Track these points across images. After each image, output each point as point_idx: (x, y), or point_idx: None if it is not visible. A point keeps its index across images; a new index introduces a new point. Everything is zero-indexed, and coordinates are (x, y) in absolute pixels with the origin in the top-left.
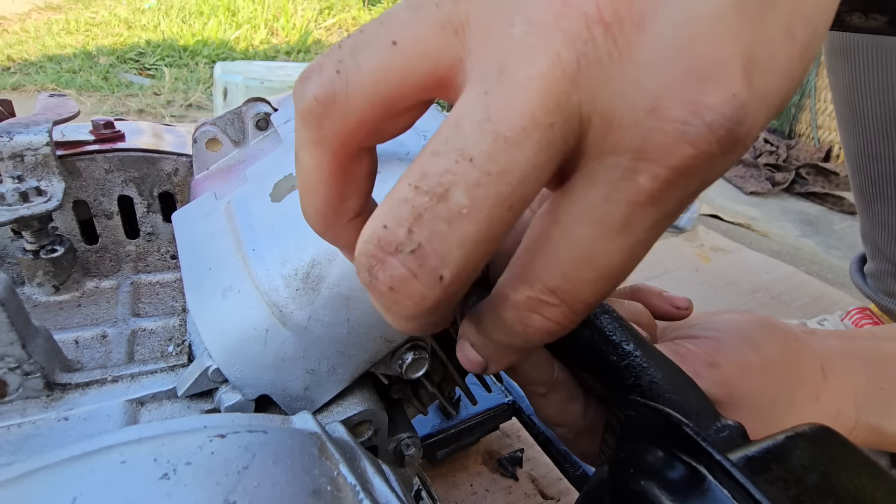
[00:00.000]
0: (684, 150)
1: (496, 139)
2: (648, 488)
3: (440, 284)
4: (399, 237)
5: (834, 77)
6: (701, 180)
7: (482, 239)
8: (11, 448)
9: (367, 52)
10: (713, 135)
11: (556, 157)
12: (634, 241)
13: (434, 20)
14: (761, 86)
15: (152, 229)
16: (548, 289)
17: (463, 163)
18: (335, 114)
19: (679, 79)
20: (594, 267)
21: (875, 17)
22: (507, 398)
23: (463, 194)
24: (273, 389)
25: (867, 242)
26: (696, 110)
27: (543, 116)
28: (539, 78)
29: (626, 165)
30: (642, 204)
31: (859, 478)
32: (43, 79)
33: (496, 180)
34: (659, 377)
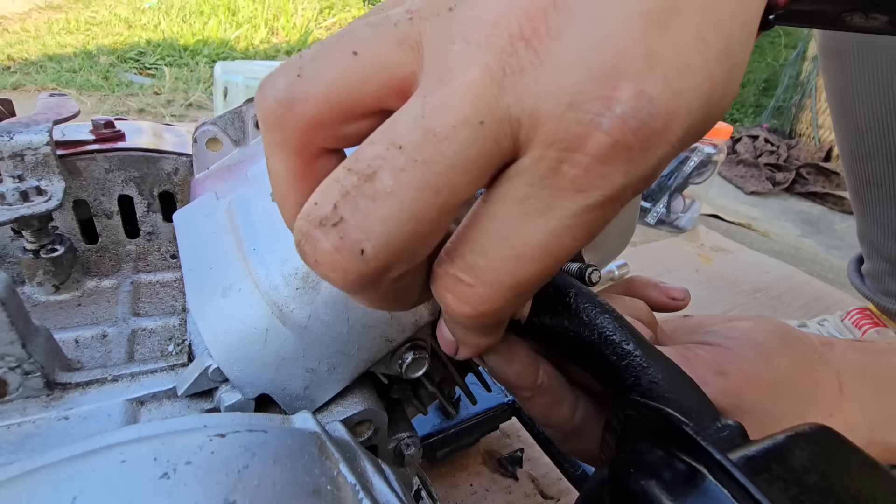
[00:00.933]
0: (600, 138)
1: (426, 133)
2: (648, 488)
3: (361, 258)
4: (325, 212)
5: (828, 78)
6: (624, 171)
7: (407, 218)
8: (11, 447)
9: (329, 61)
10: (625, 125)
11: (489, 154)
12: (558, 224)
13: (392, 37)
14: (675, 84)
15: (152, 229)
16: (466, 265)
17: (393, 150)
18: (295, 115)
19: (593, 76)
20: (512, 244)
21: (876, 17)
22: (506, 398)
23: (389, 176)
24: (273, 389)
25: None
26: (608, 103)
27: (472, 116)
28: (470, 84)
29: (552, 155)
30: (565, 189)
31: (860, 478)
32: (43, 78)
33: (421, 166)
34: (659, 377)
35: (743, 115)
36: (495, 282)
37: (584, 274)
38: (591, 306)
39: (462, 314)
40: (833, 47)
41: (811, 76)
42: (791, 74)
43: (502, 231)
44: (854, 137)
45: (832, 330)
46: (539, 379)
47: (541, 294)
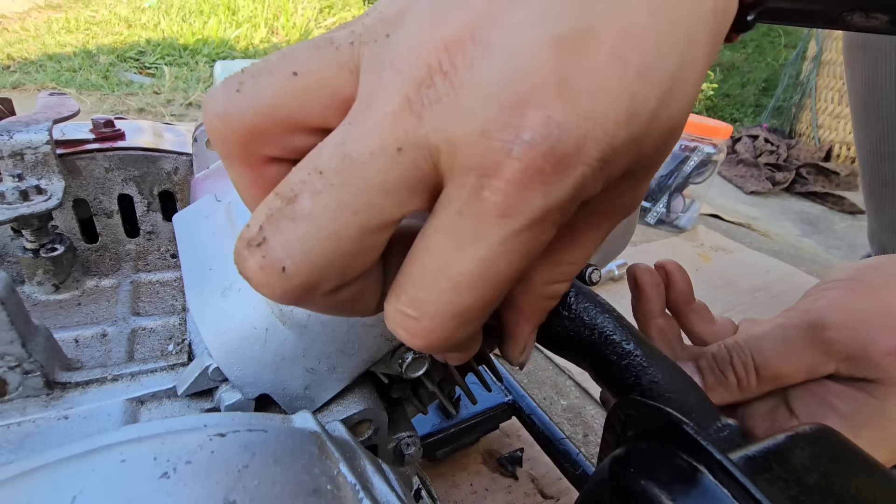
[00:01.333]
0: (512, 164)
1: (343, 158)
2: (648, 488)
3: (283, 275)
4: (252, 233)
5: (851, 72)
6: (543, 195)
7: (325, 237)
8: (11, 447)
9: (269, 77)
10: (533, 150)
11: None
12: (488, 252)
13: (334, 60)
14: (584, 107)
15: (152, 228)
16: (410, 299)
17: (314, 175)
18: (233, 128)
19: (502, 105)
20: (448, 276)
21: (876, 17)
22: (507, 398)
23: (308, 199)
24: (273, 388)
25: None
26: (517, 131)
27: (390, 143)
28: (391, 113)
29: (473, 182)
30: (490, 215)
31: (860, 477)
32: (43, 77)
33: (338, 188)
34: (659, 377)
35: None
36: (437, 313)
37: (584, 274)
38: (591, 306)
39: (416, 345)
40: (859, 41)
41: (811, 76)
42: (791, 74)
43: (437, 263)
44: (875, 135)
45: None
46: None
47: None
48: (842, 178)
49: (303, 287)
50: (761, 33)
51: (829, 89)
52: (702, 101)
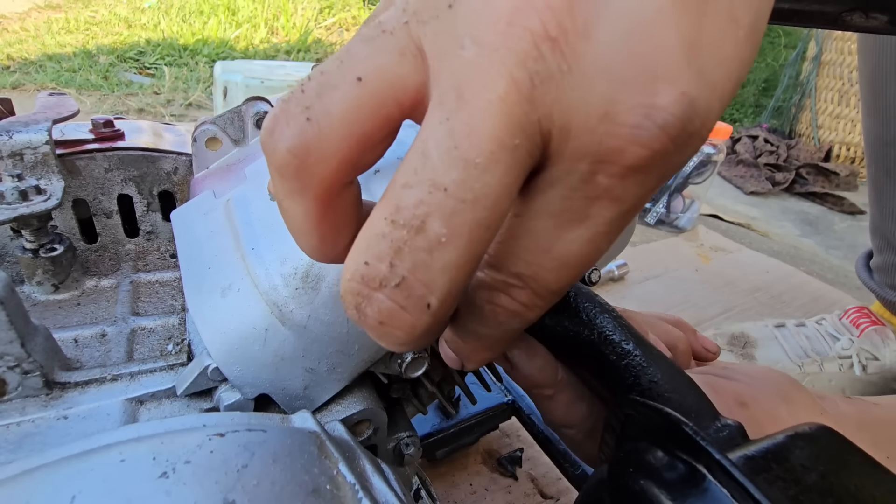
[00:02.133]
0: (638, 151)
1: (466, 167)
2: (648, 487)
3: (429, 312)
4: (382, 272)
5: (863, 59)
6: (659, 175)
7: (465, 262)
8: (11, 446)
9: (335, 94)
10: (665, 135)
11: (524, 173)
12: (594, 233)
13: (393, 48)
14: (711, 76)
15: (152, 228)
16: (514, 275)
17: (437, 193)
18: (313, 163)
19: (628, 82)
20: (553, 256)
21: (876, 17)
22: (506, 398)
23: (440, 224)
24: (272, 388)
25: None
26: (648, 112)
27: (508, 139)
28: (498, 102)
29: (585, 169)
30: (600, 198)
31: (859, 477)
32: (43, 77)
33: (472, 206)
34: (658, 377)
35: (742, 115)
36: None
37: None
38: (590, 306)
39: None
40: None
41: (811, 76)
42: (791, 75)
43: (543, 244)
44: (881, 123)
45: (830, 329)
46: (559, 374)
47: None
48: (841, 179)
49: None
50: None
51: (828, 90)
52: None
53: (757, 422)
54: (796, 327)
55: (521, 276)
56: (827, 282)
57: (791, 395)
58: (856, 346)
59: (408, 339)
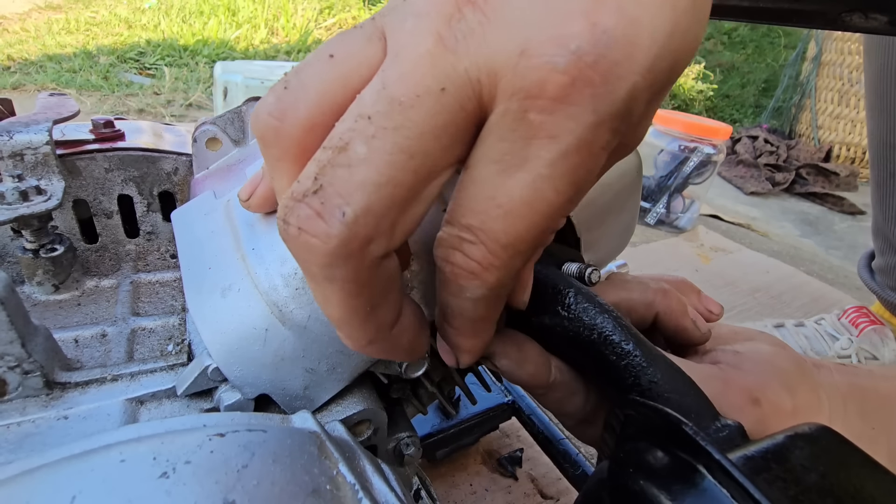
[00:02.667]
0: (558, 78)
1: (391, 102)
2: (647, 488)
3: (343, 220)
4: (306, 186)
5: (868, 60)
6: (592, 109)
7: (384, 182)
8: (11, 447)
9: (309, 69)
10: (581, 60)
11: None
12: (536, 176)
13: (360, 35)
14: (631, 12)
15: (152, 228)
16: (462, 226)
17: (361, 121)
18: (289, 124)
19: (541, 20)
20: (498, 203)
21: (875, 17)
22: (506, 398)
23: (361, 144)
24: (272, 388)
25: (878, 237)
26: (561, 41)
27: (433, 84)
28: (426, 54)
29: (516, 107)
30: (535, 137)
31: (859, 477)
32: (43, 78)
33: (392, 132)
34: (658, 377)
35: (742, 115)
36: (491, 240)
37: (583, 274)
38: (590, 306)
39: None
40: None
41: (811, 77)
42: (791, 75)
43: (487, 191)
44: (885, 125)
45: (829, 329)
46: (552, 376)
47: (541, 294)
48: (841, 179)
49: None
50: (761, 34)
51: (828, 90)
52: (701, 101)
53: (767, 419)
54: (795, 327)
55: (470, 229)
56: (827, 282)
57: (795, 384)
58: (855, 346)
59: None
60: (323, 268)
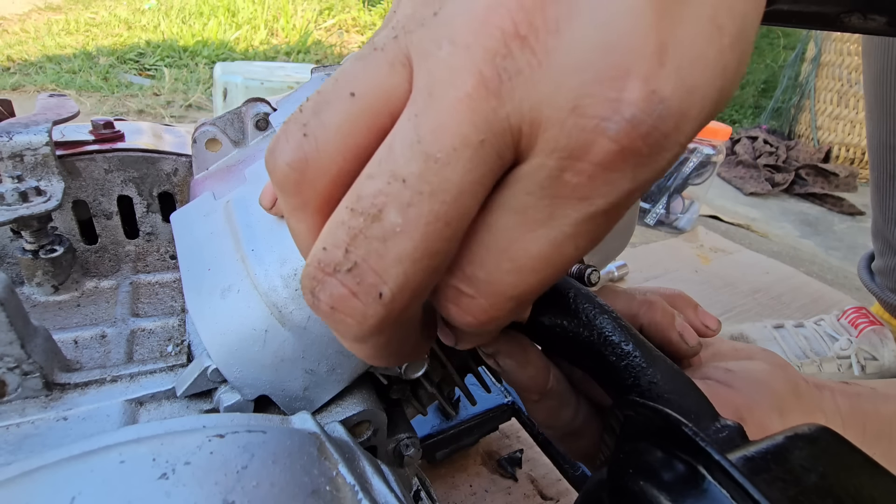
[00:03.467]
0: (606, 145)
1: (427, 160)
2: (647, 488)
3: (380, 301)
4: (337, 258)
5: (867, 61)
6: (631, 177)
7: (420, 256)
8: (10, 448)
9: (329, 110)
10: (634, 130)
11: (492, 171)
12: (559, 234)
13: (383, 62)
14: (688, 80)
15: (152, 229)
16: (466, 276)
17: (395, 184)
18: (311, 175)
19: (598, 76)
20: (512, 257)
21: (874, 18)
22: (506, 399)
23: (396, 213)
24: (272, 389)
25: (878, 239)
26: (616, 106)
27: (473, 135)
28: (465, 98)
29: (553, 164)
30: (567, 198)
31: (858, 478)
32: (43, 79)
33: (428, 199)
34: (658, 378)
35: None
36: (495, 294)
37: (583, 275)
38: (590, 307)
39: (463, 323)
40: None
41: (810, 77)
42: (790, 76)
43: (501, 243)
44: (885, 127)
45: (829, 329)
46: (549, 383)
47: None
48: (841, 180)
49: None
50: (760, 35)
51: (828, 91)
52: None
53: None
54: (795, 328)
55: (473, 280)
56: (827, 283)
57: (787, 406)
58: (854, 347)
59: (360, 329)
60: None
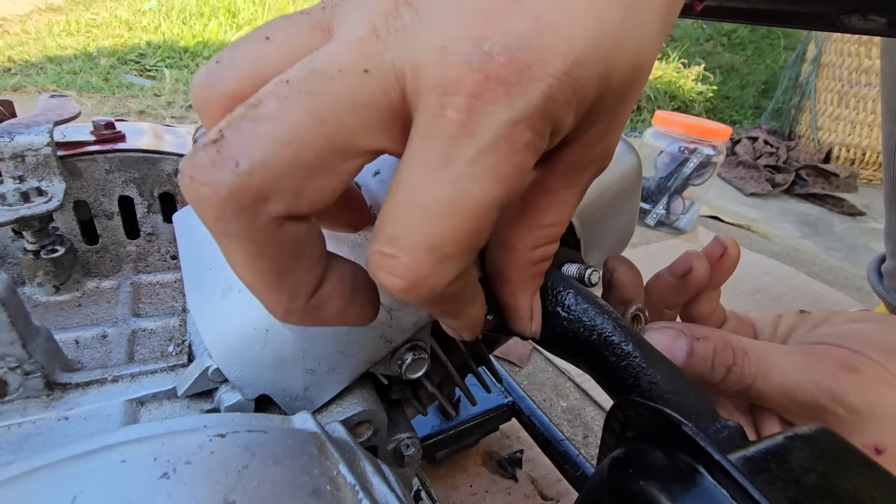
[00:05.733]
0: (473, 76)
1: (312, 71)
2: (647, 488)
3: (235, 170)
4: (210, 136)
5: (888, 59)
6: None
7: (287, 140)
8: (12, 447)
9: (243, 46)
10: (494, 60)
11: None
12: (459, 175)
13: (305, 23)
14: (548, 20)
15: (153, 230)
16: (386, 238)
17: (280, 83)
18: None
19: (461, 21)
20: (420, 205)
21: (874, 19)
22: (506, 399)
23: (273, 102)
24: (273, 389)
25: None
26: (476, 42)
27: (357, 63)
28: (357, 39)
29: (434, 102)
30: (456, 136)
31: (858, 478)
32: (44, 80)
33: (305, 96)
34: (658, 378)
35: (742, 116)
36: (413, 247)
37: (583, 275)
38: (590, 307)
39: (396, 289)
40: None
41: (810, 78)
42: (790, 76)
43: (410, 195)
44: None
45: None
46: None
47: (540, 295)
48: (841, 180)
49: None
50: (761, 36)
51: (828, 91)
52: (701, 102)
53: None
54: None
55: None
56: (827, 283)
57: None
58: None
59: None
60: (216, 221)
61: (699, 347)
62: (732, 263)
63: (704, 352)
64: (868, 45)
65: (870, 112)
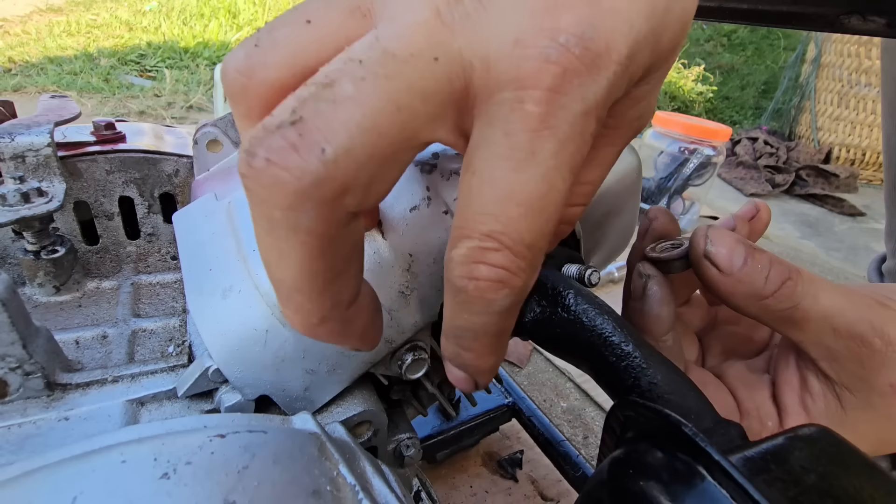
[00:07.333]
0: (551, 69)
1: (384, 52)
2: (647, 489)
3: (321, 157)
4: (282, 117)
5: (889, 59)
6: (581, 97)
7: (369, 126)
8: (12, 448)
9: (283, 29)
10: (570, 52)
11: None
12: (546, 168)
13: (344, 6)
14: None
15: (153, 230)
16: (484, 235)
17: (351, 63)
18: (256, 82)
19: (533, 12)
20: (518, 201)
21: (874, 20)
22: (507, 400)
23: (350, 83)
24: (273, 390)
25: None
26: (551, 34)
27: (427, 50)
28: (423, 22)
29: (511, 97)
30: (537, 129)
31: (858, 479)
32: (44, 80)
33: (384, 79)
34: (658, 378)
35: (742, 117)
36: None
37: (583, 276)
38: (590, 308)
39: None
40: None
41: (810, 79)
42: (790, 77)
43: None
44: None
45: None
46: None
47: (540, 295)
48: (841, 181)
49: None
50: (761, 36)
51: (828, 92)
52: (701, 103)
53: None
54: None
55: (492, 236)
56: None
57: None
58: None
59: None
60: (289, 211)
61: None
62: (762, 226)
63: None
64: (868, 46)
65: (870, 112)
